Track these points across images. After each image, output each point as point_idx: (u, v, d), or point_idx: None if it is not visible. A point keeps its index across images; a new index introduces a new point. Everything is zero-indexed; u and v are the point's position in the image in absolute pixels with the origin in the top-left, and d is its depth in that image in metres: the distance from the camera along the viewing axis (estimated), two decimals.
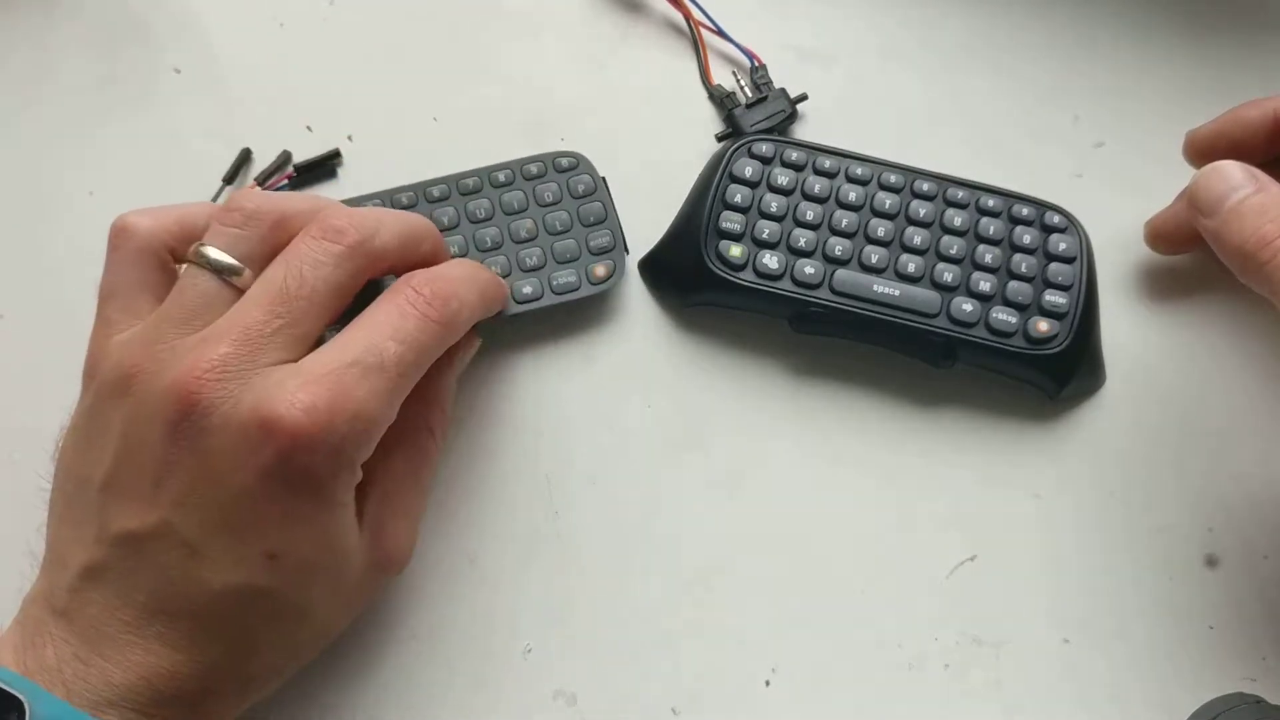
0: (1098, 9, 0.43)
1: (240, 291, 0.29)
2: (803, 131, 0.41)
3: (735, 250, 0.36)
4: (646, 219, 0.39)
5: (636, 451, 0.37)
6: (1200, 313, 0.39)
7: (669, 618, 0.35)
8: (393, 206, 0.37)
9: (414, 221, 0.32)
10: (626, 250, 0.38)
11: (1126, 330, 0.38)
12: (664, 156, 0.40)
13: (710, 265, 0.36)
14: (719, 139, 0.40)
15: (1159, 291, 0.39)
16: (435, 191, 0.37)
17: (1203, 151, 0.36)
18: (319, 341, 0.29)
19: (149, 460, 0.28)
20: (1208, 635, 0.35)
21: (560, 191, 0.38)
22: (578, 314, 0.38)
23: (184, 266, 0.30)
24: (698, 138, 0.41)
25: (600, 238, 0.37)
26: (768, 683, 0.35)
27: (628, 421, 0.37)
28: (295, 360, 0.28)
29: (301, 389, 0.27)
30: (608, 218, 0.38)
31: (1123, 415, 0.37)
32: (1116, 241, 0.39)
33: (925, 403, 0.37)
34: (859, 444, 0.37)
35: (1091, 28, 0.43)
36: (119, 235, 0.31)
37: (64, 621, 0.28)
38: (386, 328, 0.29)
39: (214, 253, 0.29)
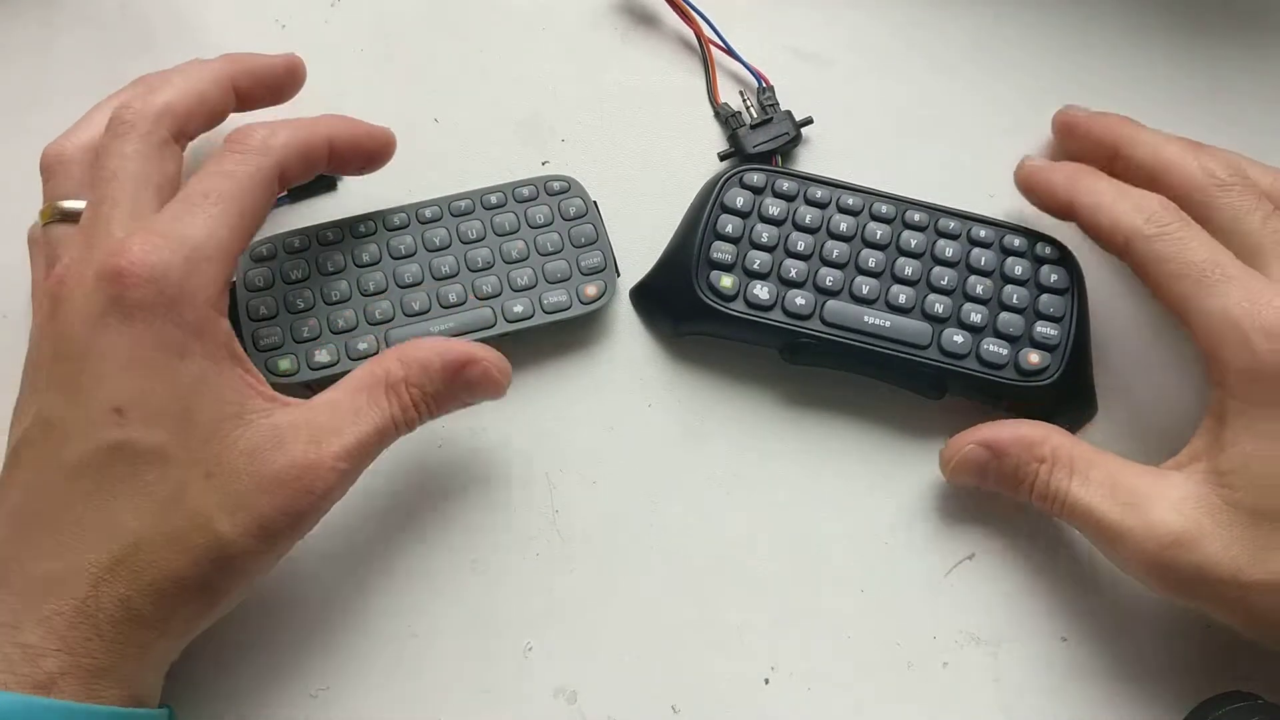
0: (1097, 10, 0.44)
1: None
2: (805, 136, 0.41)
3: (726, 281, 0.37)
4: (647, 236, 0.40)
5: (636, 454, 0.37)
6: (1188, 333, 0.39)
7: (669, 616, 0.36)
8: (385, 228, 0.38)
9: (193, 68, 0.35)
10: (618, 272, 0.39)
11: (1120, 358, 0.39)
12: (666, 173, 0.41)
13: (701, 296, 0.37)
14: (721, 158, 0.41)
15: (1152, 316, 0.40)
16: (428, 213, 0.38)
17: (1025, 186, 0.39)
18: None
19: (34, 374, 0.31)
20: (1205, 634, 0.36)
21: (552, 214, 0.39)
22: (569, 344, 0.39)
23: (44, 229, 0.34)
24: (700, 156, 0.42)
25: (591, 258, 0.38)
26: (767, 681, 0.35)
27: (628, 426, 0.38)
28: None
29: (123, 243, 0.30)
30: (598, 239, 0.39)
31: (1116, 441, 0.38)
32: (1106, 254, 0.39)
33: (917, 433, 0.38)
34: (855, 465, 0.38)
35: (1091, 29, 0.44)
36: (31, 244, 0.35)
37: None
38: (195, 178, 0.32)
39: (60, 204, 0.33)
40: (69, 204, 0.33)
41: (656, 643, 0.36)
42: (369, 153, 0.36)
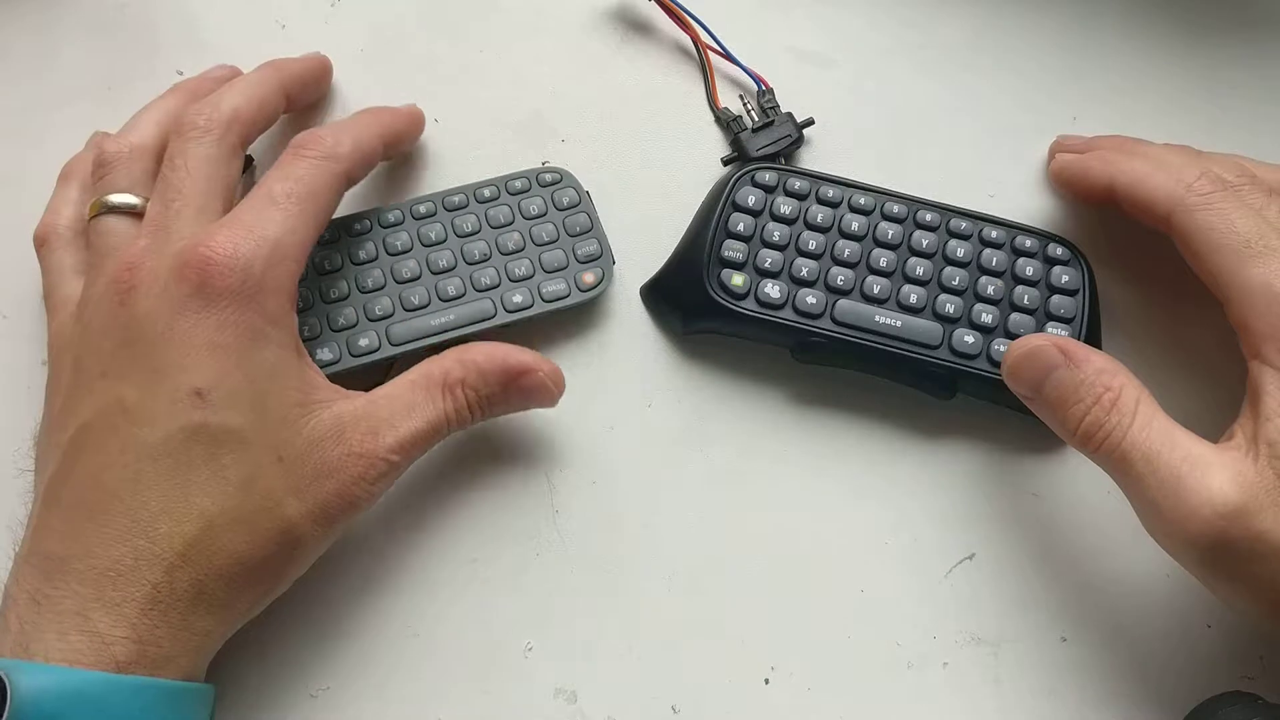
0: (1097, 9, 0.44)
1: None
2: (806, 137, 0.41)
3: (737, 279, 0.37)
4: (647, 237, 0.40)
5: (637, 454, 0.37)
6: (1200, 335, 0.39)
7: (669, 616, 0.36)
8: (380, 224, 0.38)
9: (257, 77, 0.37)
10: (613, 259, 0.39)
11: (1131, 359, 0.38)
12: (667, 174, 0.41)
13: (712, 293, 0.37)
14: (724, 163, 0.41)
15: (1163, 317, 0.39)
16: (422, 209, 0.38)
17: (1059, 180, 0.39)
18: None
19: (96, 362, 0.31)
20: (1205, 634, 0.36)
21: (545, 205, 0.39)
22: (570, 344, 0.39)
23: (91, 223, 0.34)
24: (701, 157, 0.41)
25: (587, 246, 0.38)
26: (767, 681, 0.35)
27: (628, 426, 0.38)
28: None
29: (207, 234, 0.31)
30: (593, 227, 0.39)
31: None
32: (1118, 254, 0.39)
33: (923, 433, 0.38)
34: (859, 465, 0.38)
35: (1091, 27, 0.44)
36: (41, 244, 0.35)
37: (26, 568, 0.29)
38: (271, 179, 0.33)
39: (109, 198, 0.34)
40: (117, 198, 0.34)
41: (656, 643, 0.36)
42: (411, 138, 0.39)
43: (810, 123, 0.41)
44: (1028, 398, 0.34)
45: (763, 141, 0.40)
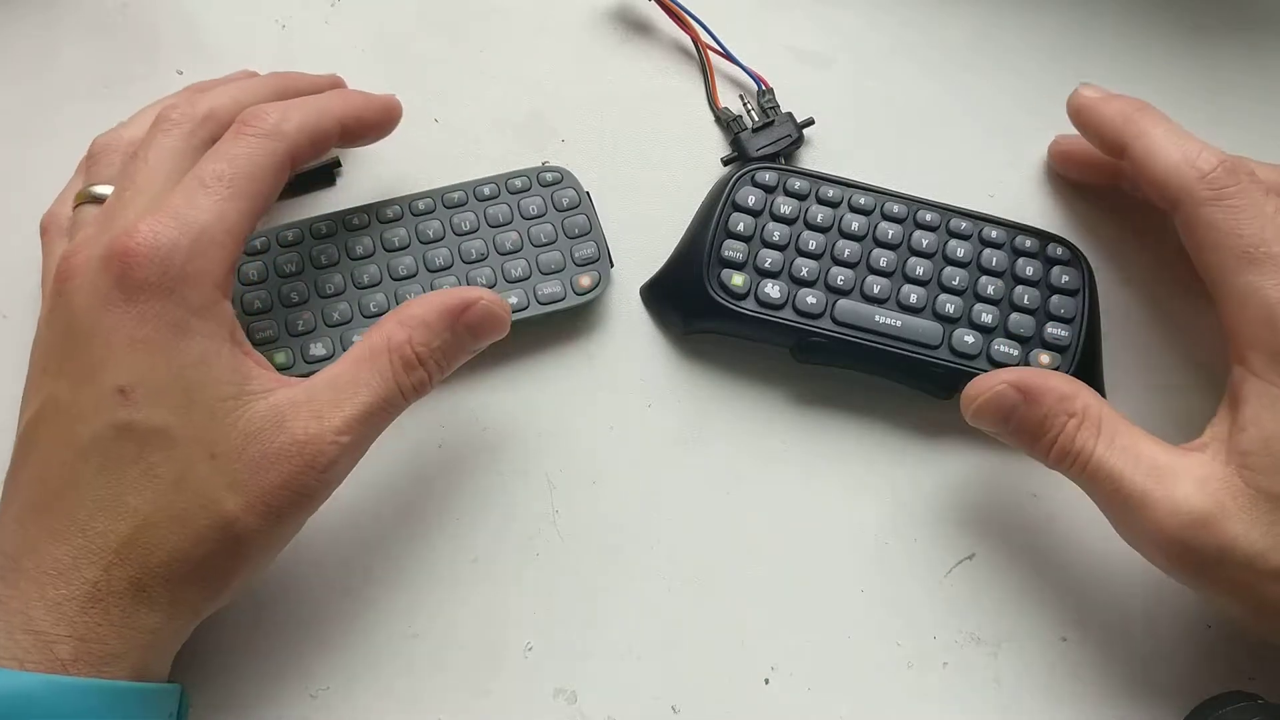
0: (1097, 9, 0.44)
1: None
2: (806, 137, 0.41)
3: (737, 279, 0.37)
4: (650, 240, 0.40)
5: (637, 454, 0.37)
6: (1201, 335, 0.39)
7: (669, 616, 0.36)
8: (378, 220, 0.38)
9: (252, 83, 0.36)
10: (611, 262, 0.38)
11: (1131, 360, 0.39)
12: (667, 174, 0.41)
13: (712, 293, 0.37)
14: (724, 163, 0.41)
15: (1163, 317, 0.39)
16: (421, 205, 0.38)
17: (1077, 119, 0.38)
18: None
19: (42, 355, 0.31)
20: (1206, 634, 0.36)
21: (545, 205, 0.38)
22: (570, 344, 0.39)
23: (74, 212, 0.34)
24: (701, 157, 0.41)
25: (585, 249, 0.38)
26: (767, 681, 0.35)
27: (628, 426, 0.38)
28: None
29: (132, 223, 0.30)
30: (592, 230, 0.38)
31: None
32: (1118, 254, 0.40)
33: (922, 433, 0.38)
34: (859, 465, 0.38)
35: (1091, 28, 0.44)
36: (43, 233, 0.35)
37: None
38: (206, 159, 0.32)
39: (92, 189, 0.34)
40: (100, 189, 0.34)
41: (656, 643, 0.36)
42: (377, 125, 0.37)
43: (810, 123, 0.41)
44: (997, 434, 0.34)
45: (763, 141, 0.40)
